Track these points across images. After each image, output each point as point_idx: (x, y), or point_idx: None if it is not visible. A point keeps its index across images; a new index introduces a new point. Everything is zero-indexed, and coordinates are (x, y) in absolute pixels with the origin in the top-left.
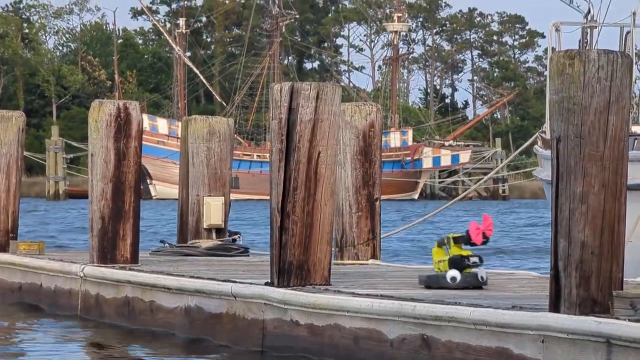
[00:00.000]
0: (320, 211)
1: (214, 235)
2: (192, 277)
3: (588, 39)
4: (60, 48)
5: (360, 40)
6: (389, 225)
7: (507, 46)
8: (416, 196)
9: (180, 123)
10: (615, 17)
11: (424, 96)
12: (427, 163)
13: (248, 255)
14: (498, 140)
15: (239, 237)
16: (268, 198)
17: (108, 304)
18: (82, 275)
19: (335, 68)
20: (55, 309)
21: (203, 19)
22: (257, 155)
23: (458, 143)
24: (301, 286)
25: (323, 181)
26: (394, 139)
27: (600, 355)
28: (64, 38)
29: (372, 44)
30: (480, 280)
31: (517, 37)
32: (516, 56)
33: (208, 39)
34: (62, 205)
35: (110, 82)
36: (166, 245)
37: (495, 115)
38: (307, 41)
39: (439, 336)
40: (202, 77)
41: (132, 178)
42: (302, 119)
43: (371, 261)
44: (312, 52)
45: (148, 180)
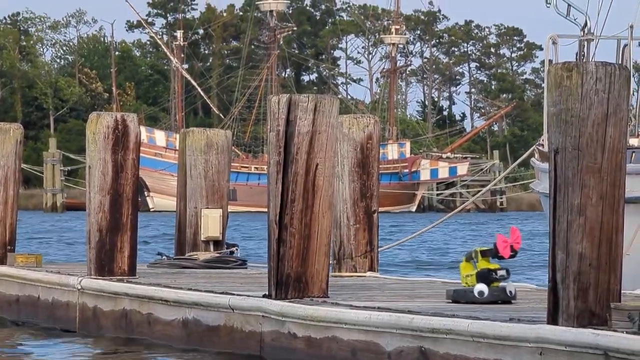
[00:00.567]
0: (318, 223)
1: (212, 247)
2: (190, 290)
3: (585, 52)
4: (57, 60)
5: (358, 52)
6: (387, 237)
7: (505, 58)
8: (414, 208)
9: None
10: (612, 30)
11: (422, 108)
12: (425, 175)
13: (246, 267)
14: (496, 152)
15: (237, 250)
16: (266, 210)
17: (106, 317)
18: (80, 287)
19: (333, 80)
20: (52, 322)
21: (200, 31)
22: (255, 167)
23: (456, 155)
24: (299, 298)
25: (321, 193)
26: (392, 151)
27: None
28: (62, 50)
29: (370, 56)
30: (508, 294)
31: (515, 50)
32: (514, 68)
33: (205, 51)
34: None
35: (107, 95)
36: (164, 257)
37: (492, 127)
38: (305, 53)
39: (437, 348)
40: (200, 90)
41: (130, 190)
42: (300, 131)
43: (369, 273)
44: (310, 65)
45: (146, 192)
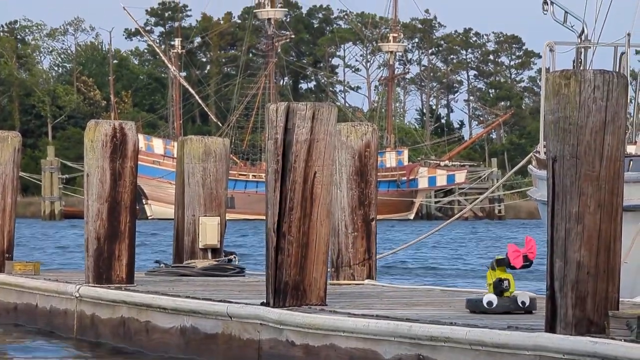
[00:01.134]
0: (316, 231)
1: (210, 255)
2: (188, 298)
3: (582, 59)
4: (55, 68)
5: (356, 60)
6: (385, 245)
7: (504, 66)
8: (412, 216)
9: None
10: (609, 37)
11: (420, 116)
12: (423, 183)
13: (244, 275)
14: (494, 160)
15: (235, 257)
16: (264, 218)
17: (104, 324)
18: (78, 295)
19: (331, 88)
20: (50, 330)
21: (198, 39)
22: (253, 175)
23: (454, 163)
24: (297, 306)
25: (319, 201)
26: (390, 159)
27: None
28: (59, 58)
29: (368, 64)
30: (520, 304)
31: (514, 57)
32: (512, 76)
33: (203, 59)
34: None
35: (105, 102)
36: (162, 265)
37: (491, 135)
38: (303, 61)
39: (435, 356)
40: (198, 98)
41: (128, 198)
42: (298, 139)
43: (367, 281)
44: (308, 73)
45: (144, 200)
